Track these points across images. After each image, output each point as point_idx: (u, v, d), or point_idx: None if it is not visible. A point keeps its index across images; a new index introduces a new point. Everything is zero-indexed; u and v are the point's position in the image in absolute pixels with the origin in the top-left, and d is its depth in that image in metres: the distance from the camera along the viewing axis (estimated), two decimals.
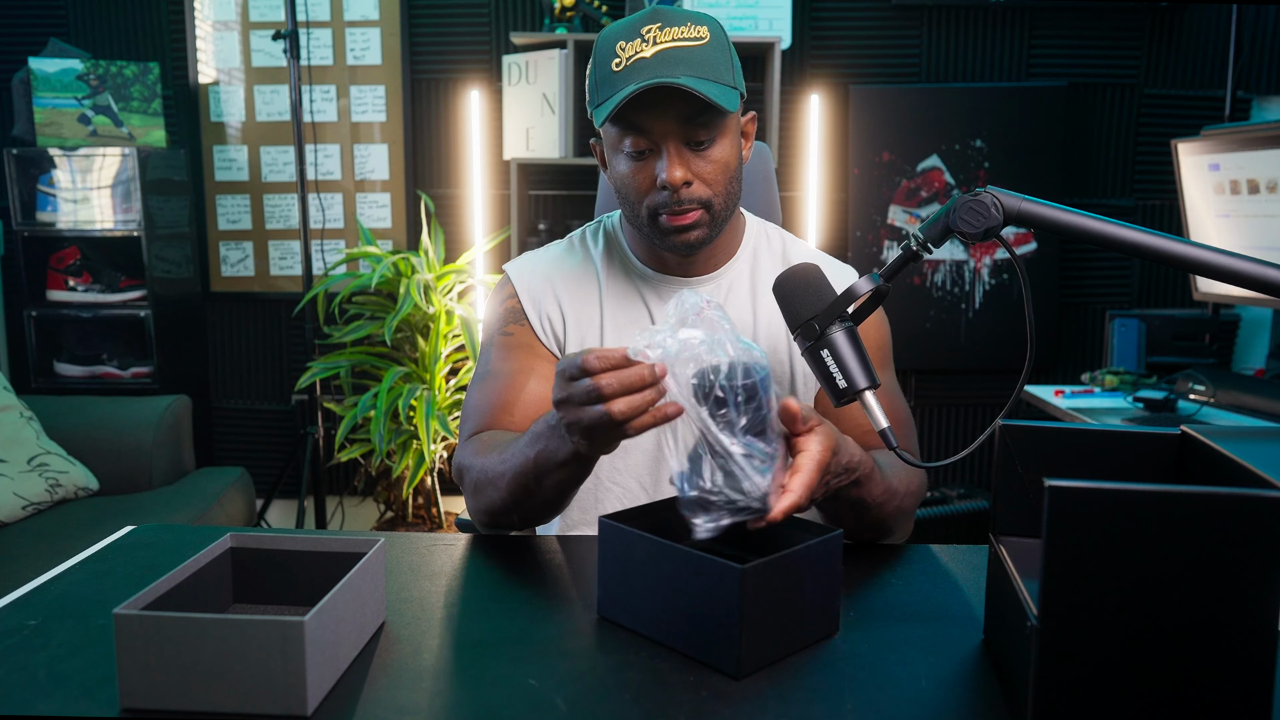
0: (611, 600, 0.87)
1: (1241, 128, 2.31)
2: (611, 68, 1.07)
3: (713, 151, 1.10)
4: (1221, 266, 0.80)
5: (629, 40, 1.07)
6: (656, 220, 1.12)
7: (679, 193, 1.09)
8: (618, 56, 1.07)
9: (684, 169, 1.08)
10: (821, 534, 0.84)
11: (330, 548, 0.86)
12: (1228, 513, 0.61)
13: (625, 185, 1.13)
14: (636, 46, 1.06)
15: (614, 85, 1.07)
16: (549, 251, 1.29)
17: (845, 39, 3.06)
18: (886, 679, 0.78)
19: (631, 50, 1.06)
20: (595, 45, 1.11)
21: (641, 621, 0.84)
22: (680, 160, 1.08)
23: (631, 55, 1.06)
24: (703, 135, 1.08)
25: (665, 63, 1.05)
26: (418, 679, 0.76)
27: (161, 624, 0.69)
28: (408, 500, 2.94)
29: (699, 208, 1.11)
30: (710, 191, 1.11)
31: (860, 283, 0.91)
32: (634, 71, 1.05)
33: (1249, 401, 2.18)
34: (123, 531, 1.11)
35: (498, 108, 3.07)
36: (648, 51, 1.06)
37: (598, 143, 1.19)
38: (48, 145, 2.81)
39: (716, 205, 1.12)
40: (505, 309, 1.24)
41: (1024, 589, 0.70)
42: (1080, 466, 0.82)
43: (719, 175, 1.11)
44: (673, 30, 1.07)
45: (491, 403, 1.17)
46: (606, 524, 0.87)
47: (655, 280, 1.22)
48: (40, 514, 2.27)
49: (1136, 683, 0.64)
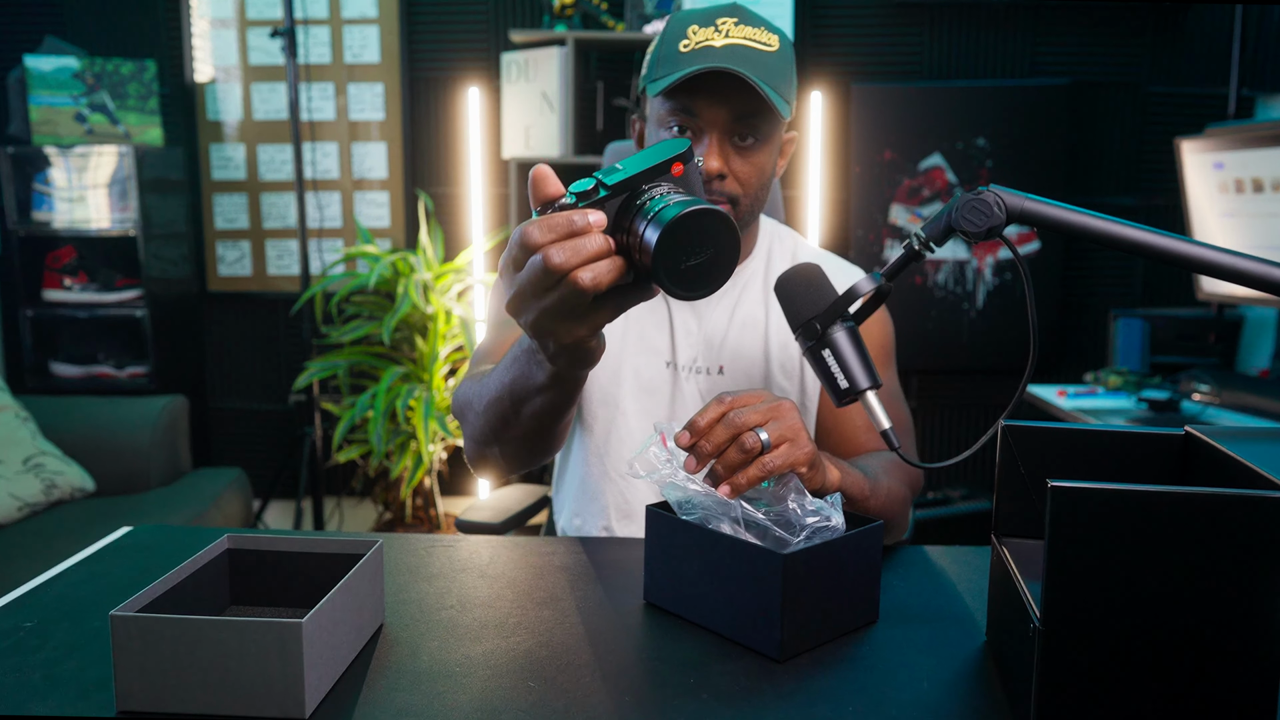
0: (657, 586, 0.90)
1: (1245, 126, 2.31)
2: (679, 47, 1.08)
3: (753, 153, 1.10)
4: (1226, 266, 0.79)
5: (703, 26, 1.08)
6: None
7: (712, 183, 1.09)
8: (687, 39, 1.08)
9: (722, 161, 1.09)
10: (862, 524, 0.87)
11: (328, 549, 0.85)
12: (1232, 514, 0.61)
13: None
14: (709, 34, 1.07)
15: (676, 64, 1.07)
16: None
17: (847, 36, 3.05)
18: (888, 680, 0.77)
19: (703, 36, 1.07)
20: (667, 23, 1.12)
21: (686, 607, 0.87)
22: (721, 152, 1.09)
23: (701, 41, 1.07)
24: (748, 134, 1.09)
25: (732, 57, 1.06)
26: (416, 680, 0.76)
27: (158, 626, 0.69)
28: (406, 501, 2.93)
29: (726, 203, 1.11)
30: (741, 190, 1.11)
31: (861, 282, 0.90)
32: (700, 56, 1.06)
33: (1253, 402, 2.17)
34: (119, 533, 1.10)
35: (497, 106, 3.06)
36: (718, 42, 1.07)
37: (639, 118, 1.19)
38: (43, 144, 2.80)
39: (743, 206, 1.13)
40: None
41: (1027, 590, 0.70)
42: (1083, 467, 0.82)
43: (753, 177, 1.12)
44: (746, 29, 1.08)
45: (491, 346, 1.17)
46: (654, 512, 0.89)
47: None
48: (36, 515, 2.26)
49: (1140, 684, 0.64)
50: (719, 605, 0.84)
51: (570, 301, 0.72)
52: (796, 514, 0.86)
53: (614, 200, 0.71)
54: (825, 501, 0.87)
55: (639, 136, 1.20)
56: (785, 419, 0.89)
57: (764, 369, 1.22)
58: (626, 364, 1.21)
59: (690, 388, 1.21)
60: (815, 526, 0.85)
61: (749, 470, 0.86)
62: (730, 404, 0.88)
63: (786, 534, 0.86)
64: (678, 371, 1.21)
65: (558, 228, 0.70)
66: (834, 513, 0.87)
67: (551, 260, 0.69)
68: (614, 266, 0.71)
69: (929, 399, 3.19)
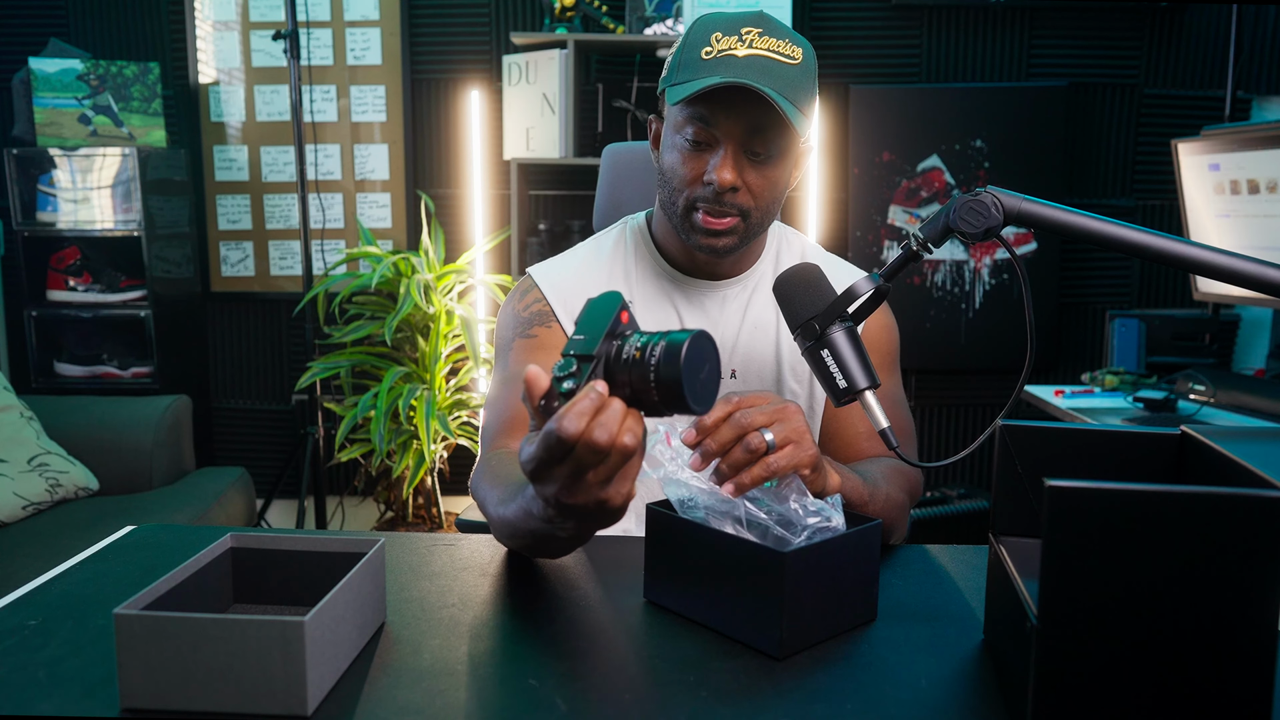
0: (657, 585, 0.91)
1: (1241, 128, 2.31)
2: (701, 54, 1.07)
3: (768, 167, 1.10)
4: (1222, 266, 0.80)
5: (726, 34, 1.07)
6: (692, 214, 1.12)
7: (724, 195, 1.09)
8: (709, 46, 1.07)
9: (735, 174, 1.08)
10: (861, 523, 0.88)
11: (330, 548, 0.86)
12: (1228, 513, 0.61)
13: (673, 171, 1.12)
14: (732, 43, 1.06)
15: (697, 71, 1.07)
16: (576, 254, 1.28)
17: (845, 39, 3.06)
18: (886, 679, 0.78)
19: (726, 45, 1.06)
20: (690, 28, 1.11)
21: (686, 605, 0.88)
22: (735, 164, 1.08)
23: (724, 49, 1.06)
24: (764, 148, 1.08)
25: (754, 68, 1.05)
26: (418, 679, 0.76)
27: (162, 624, 0.69)
28: (408, 500, 2.94)
29: (737, 215, 1.11)
30: (753, 203, 1.11)
31: (860, 282, 0.91)
32: (721, 65, 1.05)
33: (1249, 401, 2.18)
34: (123, 531, 1.11)
35: (498, 108, 3.07)
36: (740, 51, 1.06)
37: (657, 120, 1.19)
38: (48, 145, 2.81)
39: (753, 219, 1.12)
40: (530, 312, 1.22)
41: (1024, 589, 0.70)
42: (1080, 466, 0.82)
43: (766, 190, 1.11)
44: (770, 40, 1.06)
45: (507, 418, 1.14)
46: (654, 511, 0.89)
47: (685, 283, 1.22)
48: (40, 514, 2.27)
49: (1137, 683, 0.64)
50: (719, 604, 0.84)
51: (615, 465, 0.74)
52: (798, 514, 0.87)
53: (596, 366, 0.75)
54: (826, 502, 0.88)
55: (655, 137, 1.19)
56: (791, 421, 0.90)
57: (775, 372, 1.22)
58: None
59: None
60: (816, 527, 0.86)
61: (753, 470, 0.87)
62: (737, 404, 0.89)
63: (787, 533, 0.87)
64: None
65: (585, 412, 0.71)
66: (835, 513, 0.87)
67: (599, 441, 0.71)
68: (638, 417, 0.74)
69: (927, 399, 3.19)
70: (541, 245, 2.88)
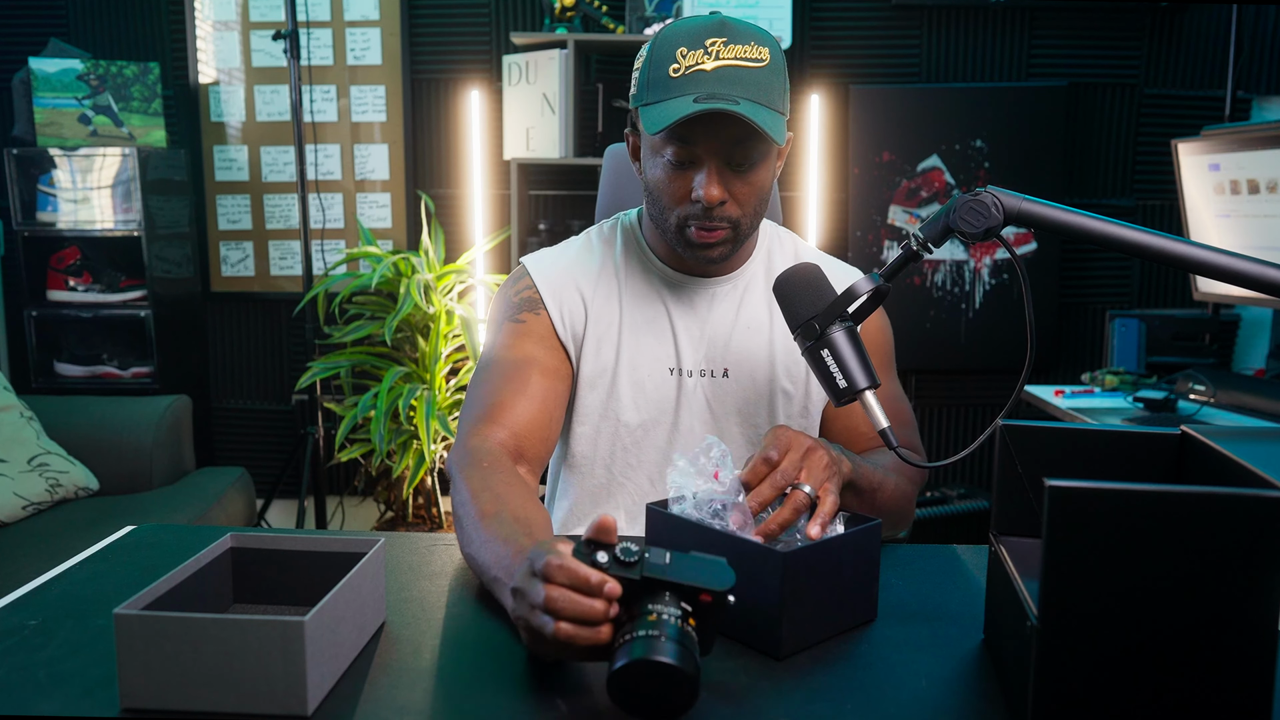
0: None
1: (1241, 128, 2.31)
2: (669, 72, 1.06)
3: (752, 175, 1.10)
4: (1222, 266, 0.80)
5: (691, 49, 1.06)
6: (684, 230, 1.13)
7: (713, 210, 1.09)
8: (676, 62, 1.06)
9: (721, 189, 1.08)
10: (861, 523, 0.88)
11: (330, 548, 0.86)
12: (1228, 513, 0.61)
13: (659, 190, 1.13)
14: (698, 57, 1.05)
15: (668, 90, 1.06)
16: (568, 248, 1.28)
17: (845, 39, 3.06)
18: (886, 679, 0.78)
19: (693, 60, 1.06)
20: (654, 42, 1.10)
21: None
22: (720, 180, 1.08)
23: (692, 65, 1.05)
24: (745, 158, 1.08)
25: (724, 81, 1.04)
26: (418, 679, 0.76)
27: (162, 624, 0.69)
28: (408, 500, 2.94)
29: (728, 226, 1.11)
30: (741, 212, 1.11)
31: (860, 282, 0.91)
32: (691, 83, 1.05)
33: (1249, 401, 2.18)
34: (123, 531, 1.11)
35: (498, 108, 3.07)
36: (708, 65, 1.05)
37: (633, 134, 1.19)
38: (48, 145, 2.81)
39: (744, 225, 1.13)
40: (520, 298, 1.23)
41: (1024, 589, 0.70)
42: (1080, 466, 0.82)
43: (752, 197, 1.11)
44: (736, 48, 1.06)
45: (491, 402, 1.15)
46: (654, 511, 0.90)
47: (675, 280, 1.23)
48: (40, 514, 2.27)
49: (1137, 683, 0.64)
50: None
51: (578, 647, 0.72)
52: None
53: (638, 584, 0.71)
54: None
55: (634, 150, 1.20)
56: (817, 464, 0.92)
57: (769, 372, 1.22)
58: (629, 372, 1.20)
59: (695, 392, 1.21)
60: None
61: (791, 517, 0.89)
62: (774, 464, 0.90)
63: (787, 534, 0.87)
64: (682, 376, 1.21)
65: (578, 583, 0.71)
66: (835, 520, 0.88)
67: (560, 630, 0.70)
68: (595, 636, 0.71)
69: (927, 399, 3.19)
70: (541, 245, 2.86)
